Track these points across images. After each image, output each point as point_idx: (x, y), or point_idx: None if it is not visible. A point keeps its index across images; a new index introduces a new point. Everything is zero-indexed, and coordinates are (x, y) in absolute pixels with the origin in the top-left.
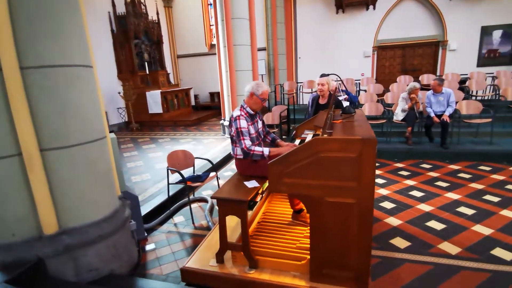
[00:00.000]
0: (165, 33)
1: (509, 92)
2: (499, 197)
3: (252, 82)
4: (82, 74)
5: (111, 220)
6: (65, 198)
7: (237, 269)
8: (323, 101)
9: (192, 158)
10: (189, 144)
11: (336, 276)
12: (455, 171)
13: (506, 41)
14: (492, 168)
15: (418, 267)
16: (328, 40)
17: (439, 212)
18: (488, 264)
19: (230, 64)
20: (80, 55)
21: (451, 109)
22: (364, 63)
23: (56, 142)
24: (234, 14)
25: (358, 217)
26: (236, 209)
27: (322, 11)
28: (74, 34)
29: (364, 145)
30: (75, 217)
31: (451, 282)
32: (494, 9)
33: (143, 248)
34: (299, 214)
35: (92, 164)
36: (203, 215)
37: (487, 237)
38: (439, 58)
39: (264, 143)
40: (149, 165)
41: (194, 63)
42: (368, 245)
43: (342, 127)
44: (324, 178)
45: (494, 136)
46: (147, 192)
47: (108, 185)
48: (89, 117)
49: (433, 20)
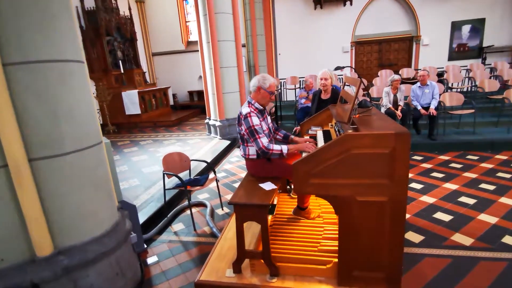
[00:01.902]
0: (138, 30)
1: (485, 83)
2: (494, 185)
3: (257, 76)
4: (75, 71)
5: (113, 234)
6: (60, 214)
7: (258, 278)
8: (326, 96)
9: (188, 161)
10: (174, 145)
11: (366, 278)
12: (446, 161)
13: (474, 35)
14: (480, 157)
15: (438, 261)
16: (307, 36)
17: (443, 203)
18: (503, 253)
19: (214, 61)
20: (72, 48)
21: (436, 102)
22: (343, 59)
23: (47, 150)
24: (217, 8)
25: (390, 215)
26: (256, 215)
27: (300, 7)
28: (65, 24)
29: (397, 139)
30: (73, 234)
31: (474, 274)
32: (463, 4)
33: (144, 261)
34: (302, 211)
35: (89, 173)
36: (203, 221)
37: (494, 226)
38: (414, 53)
39: (274, 140)
40: (135, 170)
41: (170, 61)
42: (400, 244)
43: (363, 122)
44: (355, 176)
45: (476, 126)
46: (139, 199)
47: (107, 196)
48: (84, 120)
49: (406, 16)
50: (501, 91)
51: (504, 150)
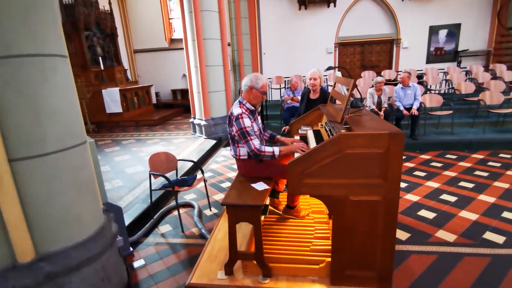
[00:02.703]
0: (119, 26)
1: (462, 86)
2: (473, 183)
3: (249, 75)
4: (58, 65)
5: (98, 238)
6: (42, 218)
7: (251, 280)
8: (315, 96)
9: (175, 161)
10: (158, 145)
11: (358, 277)
12: (427, 160)
13: (450, 39)
14: (458, 156)
15: (424, 258)
16: (292, 36)
17: (426, 201)
18: (485, 249)
19: (200, 59)
20: (55, 41)
21: (418, 103)
22: (327, 59)
23: (28, 150)
24: (203, 6)
25: (383, 215)
26: (249, 215)
27: (285, 7)
28: (48, 16)
29: (391, 139)
30: (56, 239)
31: (459, 269)
32: (440, 10)
33: (131, 265)
34: (292, 210)
35: (73, 174)
36: (191, 222)
37: (475, 222)
38: (394, 55)
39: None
40: (118, 170)
41: (153, 59)
42: (392, 242)
43: (355, 122)
44: (349, 176)
45: (454, 127)
46: (123, 200)
47: (92, 198)
48: (68, 118)
49: (387, 19)
50: (477, 93)
51: (480, 149)
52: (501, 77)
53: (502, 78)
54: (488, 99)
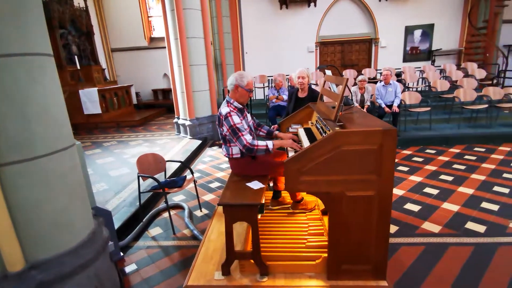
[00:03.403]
0: (95, 24)
1: (438, 84)
2: (452, 176)
3: (234, 74)
4: (45, 65)
5: (90, 244)
6: (31, 224)
7: (248, 279)
8: (303, 95)
9: (164, 162)
10: (142, 146)
11: (354, 271)
12: (409, 155)
13: (424, 39)
14: (436, 151)
15: (413, 249)
16: (273, 35)
17: (410, 194)
18: (469, 238)
19: (183, 58)
20: (42, 40)
21: (398, 100)
22: (308, 58)
23: (16, 154)
24: (185, 4)
25: (377, 209)
26: (246, 215)
27: (266, 6)
28: (34, 13)
29: (385, 136)
30: (47, 247)
31: (446, 258)
32: (415, 10)
33: (122, 271)
34: (299, 203)
35: (63, 178)
36: (182, 224)
37: (457, 213)
38: (373, 54)
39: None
40: (102, 173)
41: (132, 58)
42: (386, 236)
43: (348, 120)
44: (345, 172)
45: (432, 123)
46: (110, 204)
47: (82, 202)
48: (56, 120)
49: (366, 19)
50: (451, 90)
51: (457, 144)
52: (472, 75)
53: (473, 76)
54: (462, 96)
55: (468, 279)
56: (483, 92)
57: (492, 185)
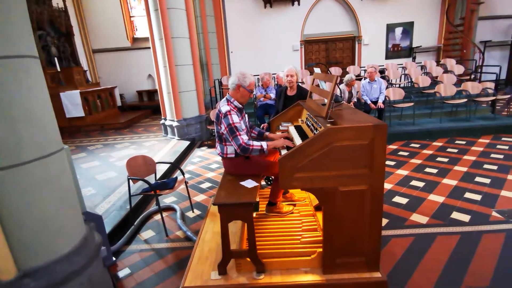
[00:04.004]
0: (75, 24)
1: (420, 80)
2: (436, 169)
3: (237, 73)
4: (31, 67)
5: (83, 250)
6: (22, 231)
7: (245, 277)
8: (292, 93)
9: (154, 164)
10: (129, 149)
11: (349, 263)
12: (395, 150)
13: (405, 37)
14: (421, 145)
15: (403, 241)
16: (258, 34)
17: (398, 188)
18: (454, 227)
19: (169, 59)
20: (27, 41)
21: (383, 96)
22: (293, 57)
23: (3, 160)
24: (169, 3)
25: (370, 202)
26: (242, 213)
27: (250, 5)
28: (19, 13)
29: (375, 131)
30: (38, 254)
31: (434, 248)
32: (395, 9)
33: (115, 276)
34: (273, 206)
35: (52, 183)
36: (174, 225)
37: (443, 204)
38: (356, 52)
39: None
40: (88, 178)
41: (115, 59)
42: (379, 228)
43: (338, 116)
44: (338, 168)
45: (415, 118)
46: (99, 209)
47: (73, 208)
48: (44, 124)
49: (348, 17)
50: (433, 86)
51: (439, 137)
52: (451, 70)
53: (453, 72)
54: (443, 91)
55: (456, 266)
56: (462, 87)
57: (474, 176)
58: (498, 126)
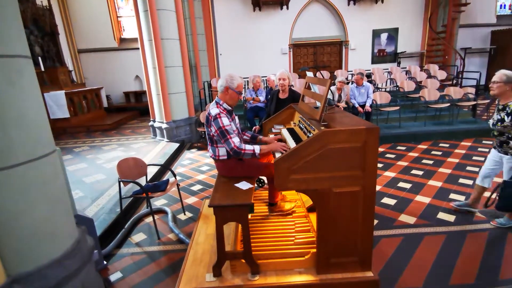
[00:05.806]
0: (60, 23)
1: (405, 84)
2: (422, 170)
3: (224, 75)
4: (24, 68)
5: (75, 254)
6: (12, 236)
7: (240, 279)
8: (284, 96)
9: (145, 166)
10: (117, 151)
11: (342, 263)
12: (382, 152)
13: (390, 42)
14: (406, 148)
15: (392, 241)
16: (247, 37)
17: (386, 189)
18: (441, 227)
19: (158, 60)
20: (19, 41)
21: (370, 100)
22: (282, 60)
23: None
24: (159, 5)
25: (363, 203)
26: (237, 215)
27: (239, 8)
28: (10, 12)
29: (368, 133)
30: (29, 259)
31: (422, 247)
32: (381, 15)
33: (107, 280)
34: (274, 206)
35: (44, 186)
36: (166, 228)
37: (429, 205)
38: (343, 56)
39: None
40: (75, 180)
41: (101, 60)
42: (371, 228)
43: (331, 119)
44: (332, 169)
45: (401, 121)
46: (88, 212)
47: (65, 211)
48: (36, 126)
49: (336, 22)
50: (417, 90)
51: (424, 140)
52: (435, 76)
53: (435, 77)
54: (427, 95)
55: (443, 264)
56: (445, 92)
57: (458, 177)
58: (479, 130)
